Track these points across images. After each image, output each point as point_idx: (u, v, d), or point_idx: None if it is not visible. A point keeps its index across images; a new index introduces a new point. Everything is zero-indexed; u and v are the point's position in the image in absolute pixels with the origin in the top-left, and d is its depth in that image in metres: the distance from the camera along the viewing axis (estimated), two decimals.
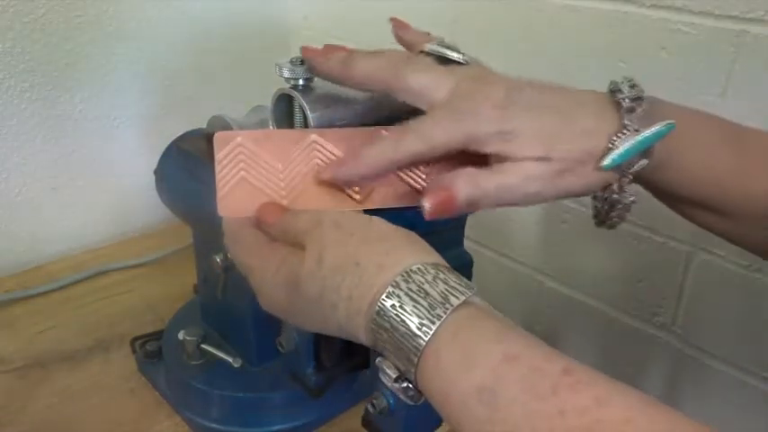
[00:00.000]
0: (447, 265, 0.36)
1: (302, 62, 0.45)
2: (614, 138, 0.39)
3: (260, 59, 0.98)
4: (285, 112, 0.49)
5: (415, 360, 0.33)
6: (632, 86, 0.40)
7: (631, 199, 0.42)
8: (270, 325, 0.51)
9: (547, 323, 0.86)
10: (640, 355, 0.76)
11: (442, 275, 0.34)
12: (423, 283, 0.34)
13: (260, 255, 0.40)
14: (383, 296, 0.34)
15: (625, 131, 0.39)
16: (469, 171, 0.40)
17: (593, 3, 0.69)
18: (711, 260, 0.67)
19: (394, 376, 0.35)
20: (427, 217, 0.40)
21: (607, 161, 0.39)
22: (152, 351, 0.67)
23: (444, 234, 0.55)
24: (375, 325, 0.34)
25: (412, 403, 0.35)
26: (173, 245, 0.88)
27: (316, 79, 0.46)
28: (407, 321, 0.33)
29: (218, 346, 0.61)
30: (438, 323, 0.32)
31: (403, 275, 0.34)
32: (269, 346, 0.55)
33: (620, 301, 0.77)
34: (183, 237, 0.79)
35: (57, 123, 0.86)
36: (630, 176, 0.41)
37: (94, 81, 0.87)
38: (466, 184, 0.40)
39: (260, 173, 0.44)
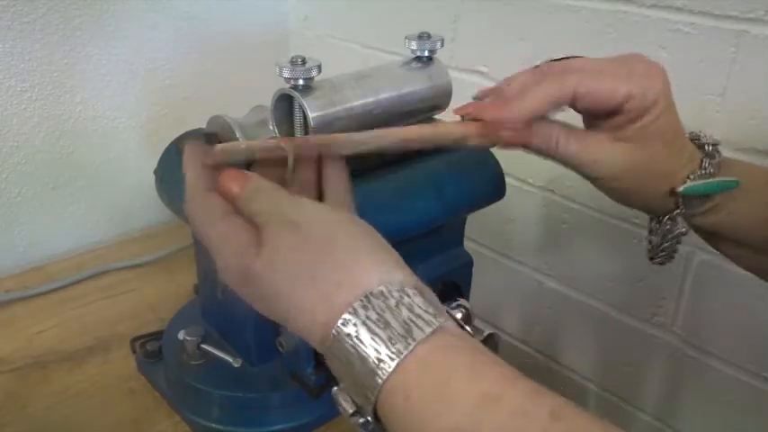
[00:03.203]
0: (416, 282, 0.33)
1: (303, 62, 0.45)
2: (696, 171, 0.44)
3: (260, 59, 0.98)
4: (285, 112, 0.49)
5: (372, 398, 0.30)
6: (713, 139, 0.46)
7: (682, 230, 0.46)
8: (270, 325, 0.51)
9: (547, 323, 0.86)
10: (640, 355, 0.76)
11: (406, 300, 0.31)
12: (384, 311, 0.30)
13: (218, 229, 0.35)
14: (338, 323, 0.30)
15: (702, 171, 0.44)
16: (562, 130, 0.44)
17: (593, 3, 0.69)
18: (711, 260, 0.67)
19: (350, 411, 0.32)
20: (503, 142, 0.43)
21: (684, 188, 0.44)
22: (152, 351, 0.67)
23: (444, 234, 0.55)
24: (329, 353, 0.31)
25: None
26: (173, 245, 0.88)
27: (316, 79, 0.46)
28: (364, 355, 0.29)
29: (219, 346, 0.61)
30: (398, 360, 0.29)
31: (362, 300, 0.30)
32: (269, 346, 0.55)
33: (620, 301, 0.77)
34: (182, 237, 0.79)
35: (57, 123, 0.86)
36: (684, 209, 0.45)
37: (94, 81, 0.87)
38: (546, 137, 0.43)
39: None
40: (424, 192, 0.48)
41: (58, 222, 0.90)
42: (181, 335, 0.61)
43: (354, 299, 0.31)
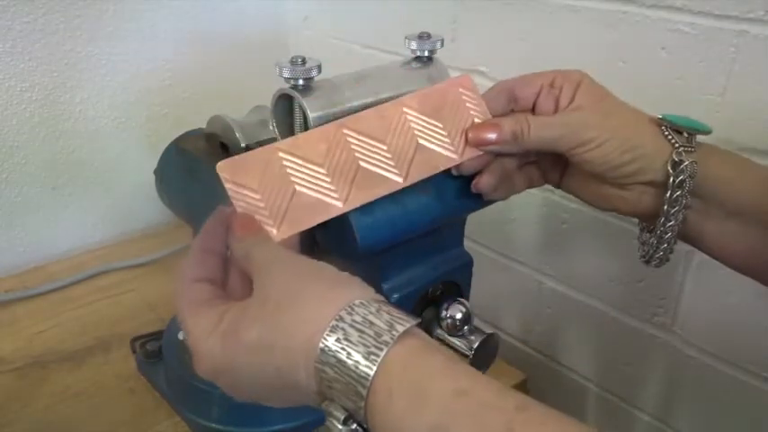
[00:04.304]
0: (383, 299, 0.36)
1: (303, 62, 0.45)
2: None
3: (260, 59, 0.98)
4: (285, 112, 0.49)
5: (365, 393, 0.32)
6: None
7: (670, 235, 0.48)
8: None
9: (547, 323, 0.86)
10: (640, 355, 0.76)
11: (385, 308, 0.34)
12: (367, 315, 0.33)
13: (200, 312, 0.38)
14: (327, 331, 0.32)
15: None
16: (530, 117, 0.46)
17: (593, 3, 0.69)
18: (711, 260, 0.67)
19: (342, 417, 0.33)
20: (470, 144, 0.47)
21: (663, 114, 0.45)
22: (152, 351, 0.67)
23: (444, 234, 0.55)
24: (319, 363, 0.33)
25: None
26: (173, 245, 0.88)
27: (316, 79, 0.46)
28: (354, 353, 0.32)
29: None
30: (386, 349, 0.32)
31: (347, 309, 0.33)
32: None
33: (620, 301, 0.77)
34: (182, 237, 0.79)
35: (57, 123, 0.86)
36: (674, 145, 0.46)
37: (94, 81, 0.88)
38: (515, 123, 0.46)
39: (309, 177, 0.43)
40: (423, 192, 0.48)
41: (58, 222, 0.90)
42: (181, 335, 0.61)
43: (339, 309, 0.33)
